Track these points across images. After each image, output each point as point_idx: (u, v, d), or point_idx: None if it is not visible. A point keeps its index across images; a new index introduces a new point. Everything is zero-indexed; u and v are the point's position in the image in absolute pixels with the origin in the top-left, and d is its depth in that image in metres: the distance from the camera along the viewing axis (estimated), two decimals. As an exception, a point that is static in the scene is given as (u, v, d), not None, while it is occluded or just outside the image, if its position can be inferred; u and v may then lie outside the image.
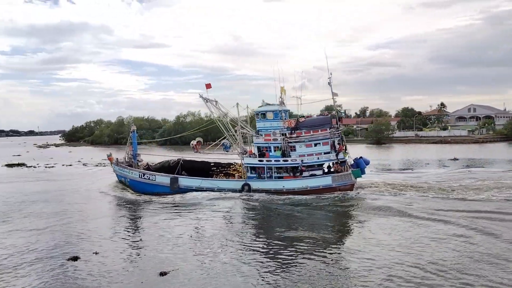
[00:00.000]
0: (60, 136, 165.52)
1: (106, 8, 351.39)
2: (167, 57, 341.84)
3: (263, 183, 28.09)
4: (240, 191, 27.94)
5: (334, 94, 29.12)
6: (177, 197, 27.78)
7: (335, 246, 16.18)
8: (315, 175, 27.84)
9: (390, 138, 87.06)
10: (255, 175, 29.00)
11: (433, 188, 27.54)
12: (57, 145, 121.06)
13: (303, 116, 31.03)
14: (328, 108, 75.27)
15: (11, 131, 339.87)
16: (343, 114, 31.34)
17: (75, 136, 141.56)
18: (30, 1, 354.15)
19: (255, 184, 28.06)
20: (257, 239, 17.53)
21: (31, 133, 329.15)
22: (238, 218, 21.84)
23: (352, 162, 28.81)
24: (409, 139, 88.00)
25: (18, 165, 56.37)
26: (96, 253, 15.68)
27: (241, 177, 29.61)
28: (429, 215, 20.14)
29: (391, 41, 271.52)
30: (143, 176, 30.78)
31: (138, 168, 31.95)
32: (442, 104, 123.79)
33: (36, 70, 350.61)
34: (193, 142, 31.60)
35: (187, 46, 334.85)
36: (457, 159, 47.17)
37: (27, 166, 54.68)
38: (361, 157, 29.34)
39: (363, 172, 28.44)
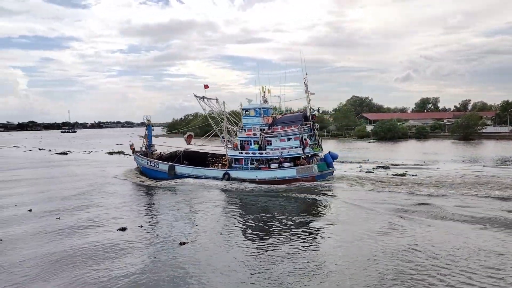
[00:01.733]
0: (162, 128, 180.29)
1: (211, 6, 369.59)
2: (266, 52, 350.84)
3: (240, 173, 32.00)
4: (221, 179, 32.07)
5: (310, 93, 32.06)
6: (173, 182, 32.77)
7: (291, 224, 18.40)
8: (283, 167, 31.00)
9: (479, 133, 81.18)
10: (239, 165, 32.71)
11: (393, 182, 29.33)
12: (157, 136, 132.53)
13: (282, 113, 34.38)
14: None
15: (126, 122, 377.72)
16: (315, 112, 32.75)
17: (175, 128, 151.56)
18: (144, 3, 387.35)
19: (233, 174, 32.07)
20: (233, 215, 20.75)
21: (142, 124, 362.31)
22: (221, 202, 25.36)
23: (322, 156, 32.54)
24: (502, 135, 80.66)
25: (118, 153, 65.53)
26: (141, 226, 19.62)
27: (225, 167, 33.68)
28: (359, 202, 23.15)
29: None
30: (150, 164, 36.05)
31: (152, 157, 36.90)
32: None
33: (149, 67, 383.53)
34: (185, 136, 37.22)
35: (287, 39, 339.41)
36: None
37: (124, 154, 63.50)
38: (329, 152, 32.97)
39: (329, 166, 31.84)
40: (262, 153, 31.97)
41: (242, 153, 32.67)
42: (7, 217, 21.41)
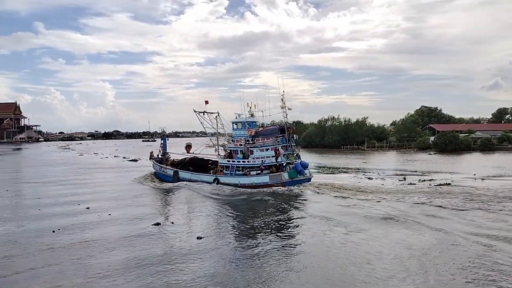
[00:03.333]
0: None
1: (284, 17, 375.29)
2: (340, 61, 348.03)
3: (227, 178, 36.56)
4: (212, 183, 36.64)
5: (287, 109, 36.55)
6: (176, 184, 38.30)
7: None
8: (260, 174, 35.19)
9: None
10: (228, 172, 36.97)
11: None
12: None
13: (263, 126, 39.25)
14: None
15: (201, 132, 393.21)
16: (290, 125, 36.60)
17: None
18: (220, 17, 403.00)
19: (222, 179, 36.78)
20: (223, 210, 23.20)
21: (215, 134, 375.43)
22: (210, 202, 29.83)
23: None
24: None
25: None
26: (172, 222, 23.10)
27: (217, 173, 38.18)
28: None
29: None
30: (161, 169, 42.49)
31: (166, 163, 42.39)
32: None
33: (224, 79, 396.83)
34: (185, 146, 44.60)
35: (362, 47, 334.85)
36: None
37: None
38: (299, 161, 36.03)
39: (300, 173, 35.02)
40: (245, 161, 36.23)
41: (229, 161, 37.27)
42: (71, 211, 25.76)
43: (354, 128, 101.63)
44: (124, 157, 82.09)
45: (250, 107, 38.44)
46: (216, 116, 39.87)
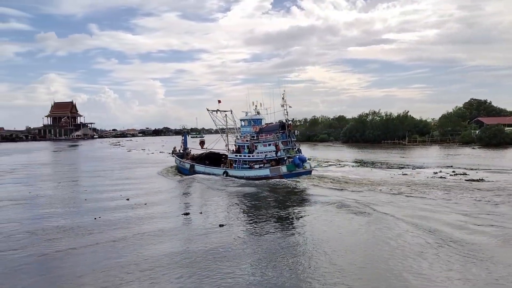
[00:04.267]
0: None
1: (331, 10, 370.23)
2: (390, 53, 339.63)
3: (234, 171, 39.71)
4: (222, 175, 39.99)
5: (288, 106, 38.87)
6: (192, 176, 41.49)
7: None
8: (262, 167, 37.99)
9: None
10: (236, 165, 40.16)
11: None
12: None
13: (266, 124, 41.74)
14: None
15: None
16: (290, 122, 39.57)
17: None
18: (266, 12, 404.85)
19: (230, 172, 40.04)
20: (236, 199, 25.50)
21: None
22: (224, 192, 33.28)
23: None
24: None
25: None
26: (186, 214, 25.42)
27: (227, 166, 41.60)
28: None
29: None
30: (180, 163, 46.53)
31: (187, 157, 45.98)
32: None
33: (269, 74, 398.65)
34: (198, 142, 49.53)
35: (413, 39, 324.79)
36: None
37: None
38: (298, 156, 38.11)
39: (298, 167, 37.32)
40: (250, 156, 39.29)
41: (237, 155, 40.60)
42: (114, 201, 28.64)
43: (395, 122, 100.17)
44: (169, 153, 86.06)
45: (256, 106, 41.88)
46: (226, 115, 44.36)
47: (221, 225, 21.19)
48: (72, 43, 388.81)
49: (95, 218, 23.09)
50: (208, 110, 44.00)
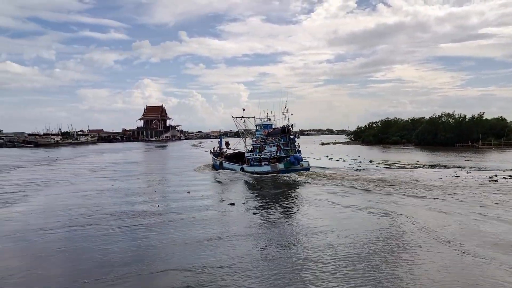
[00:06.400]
0: (345, 136, 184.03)
1: (421, 5, 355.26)
2: (488, 49, 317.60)
3: (248, 167, 47.94)
4: (239, 170, 48.55)
5: (289, 114, 46.50)
6: (220, 170, 51.40)
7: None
8: (267, 164, 45.38)
9: None
10: (250, 162, 48.59)
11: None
12: (334, 143, 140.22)
13: (273, 128, 49.30)
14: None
15: (327, 130, 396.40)
16: (290, 127, 46.75)
17: (358, 136, 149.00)
18: (351, 12, 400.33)
19: (245, 168, 48.39)
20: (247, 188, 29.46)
21: (342, 131, 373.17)
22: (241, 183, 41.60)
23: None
24: None
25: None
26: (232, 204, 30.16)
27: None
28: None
29: None
30: (213, 160, 57.22)
31: (221, 156, 57.05)
32: None
33: (354, 74, 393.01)
34: (225, 142, 60.91)
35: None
36: None
37: None
38: (293, 155, 44.95)
39: (293, 164, 44.20)
40: (258, 155, 47.26)
41: (251, 154, 49.29)
42: (178, 194, 34.19)
43: (468, 124, 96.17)
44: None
45: (267, 114, 50.89)
46: (244, 121, 54.82)
47: (254, 213, 25.37)
48: (164, 50, 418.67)
49: (158, 206, 28.34)
50: (232, 117, 54.78)
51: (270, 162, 45.59)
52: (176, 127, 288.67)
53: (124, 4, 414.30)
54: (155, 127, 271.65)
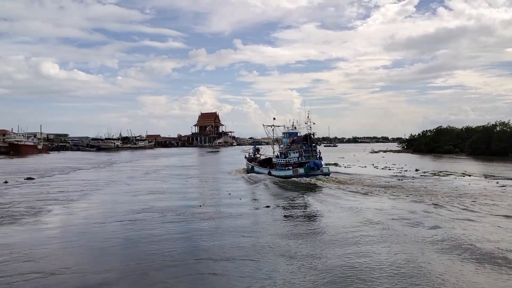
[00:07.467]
0: (397, 144, 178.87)
1: (486, 8, 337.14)
2: None
3: (275, 171, 51.76)
4: (267, 174, 52.21)
5: (312, 123, 50.96)
6: (252, 174, 55.46)
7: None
8: (290, 169, 48.80)
9: None
10: (277, 167, 52.12)
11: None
12: (384, 151, 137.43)
13: (297, 136, 52.81)
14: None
15: (382, 137, 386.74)
16: (312, 135, 50.30)
17: (411, 144, 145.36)
18: (409, 16, 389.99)
19: (272, 172, 52.08)
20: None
21: (397, 139, 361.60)
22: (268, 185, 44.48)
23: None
24: None
25: (333, 164, 77.20)
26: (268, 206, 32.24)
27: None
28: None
29: None
30: (247, 165, 61.38)
31: (255, 162, 60.97)
32: None
33: (412, 80, 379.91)
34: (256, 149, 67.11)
35: None
36: None
37: (336, 165, 69.23)
38: (313, 161, 48.04)
39: (313, 170, 47.25)
40: (283, 160, 50.92)
41: (277, 160, 53.05)
42: (220, 195, 36.97)
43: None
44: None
45: (293, 123, 55.72)
46: (273, 129, 59.28)
47: (285, 216, 27.41)
48: (219, 58, 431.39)
49: (200, 206, 31.16)
50: (263, 125, 60.15)
51: (292, 167, 49.08)
52: (229, 133, 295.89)
53: (183, 14, 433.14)
54: (208, 133, 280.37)
